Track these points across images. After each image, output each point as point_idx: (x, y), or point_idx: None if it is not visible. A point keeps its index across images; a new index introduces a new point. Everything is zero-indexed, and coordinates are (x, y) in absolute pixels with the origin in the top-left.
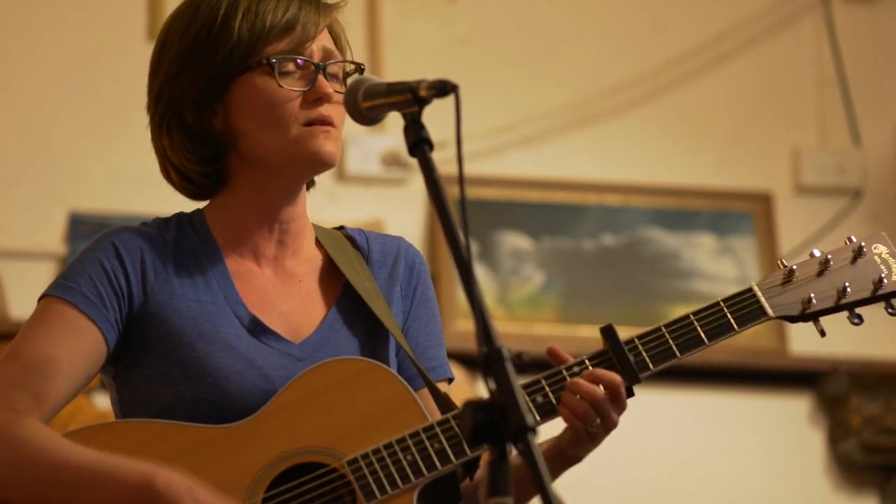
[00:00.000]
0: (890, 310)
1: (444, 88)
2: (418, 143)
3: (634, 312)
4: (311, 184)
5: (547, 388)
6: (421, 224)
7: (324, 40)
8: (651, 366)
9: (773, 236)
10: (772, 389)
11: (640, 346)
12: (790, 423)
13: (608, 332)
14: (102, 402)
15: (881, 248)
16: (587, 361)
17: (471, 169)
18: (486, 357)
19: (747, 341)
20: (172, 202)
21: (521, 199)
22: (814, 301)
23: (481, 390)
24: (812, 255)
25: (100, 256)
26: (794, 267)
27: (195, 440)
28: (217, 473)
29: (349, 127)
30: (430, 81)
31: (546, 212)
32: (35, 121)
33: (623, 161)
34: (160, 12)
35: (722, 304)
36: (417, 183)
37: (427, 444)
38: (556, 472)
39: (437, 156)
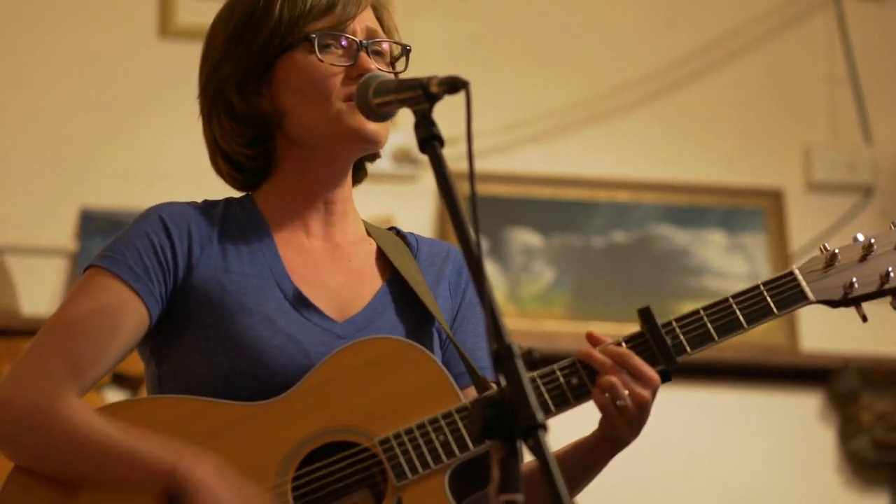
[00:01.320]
0: None
1: (455, 85)
2: (429, 139)
3: None
4: (361, 176)
5: (581, 371)
6: (431, 221)
7: (367, 20)
8: (688, 349)
9: (784, 233)
10: (783, 386)
11: (677, 329)
12: (801, 420)
13: (646, 314)
14: (113, 398)
15: None
16: (623, 343)
17: (481, 166)
18: (496, 354)
19: (758, 338)
20: (182, 198)
21: (531, 196)
22: (856, 285)
23: None
24: (855, 239)
25: (147, 229)
26: (837, 251)
27: (228, 418)
28: (249, 451)
29: None
30: (442, 78)
31: (556, 208)
32: (45, 117)
33: (633, 158)
34: (171, 8)
35: (762, 287)
36: (428, 179)
37: (460, 425)
38: (603, 458)
39: (447, 152)
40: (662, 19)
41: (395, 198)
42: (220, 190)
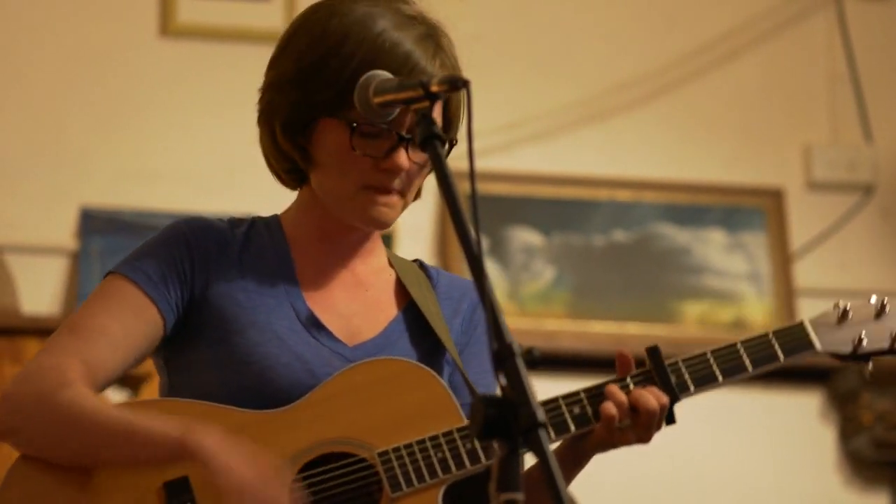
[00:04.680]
0: None
1: (455, 84)
2: (429, 138)
3: (645, 308)
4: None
5: (585, 402)
6: (432, 220)
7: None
8: (692, 388)
9: (785, 232)
10: (783, 385)
11: (682, 368)
12: (801, 419)
13: (653, 353)
14: (116, 398)
15: None
16: (629, 380)
17: (481, 164)
18: (497, 353)
19: None
20: (182, 198)
21: (531, 195)
22: (864, 341)
23: None
24: (871, 300)
25: (167, 240)
26: (849, 307)
27: (233, 422)
28: None
29: None
30: (442, 77)
31: (557, 207)
32: (45, 116)
33: (634, 157)
34: (171, 7)
35: (771, 334)
36: (428, 179)
37: (459, 443)
38: (569, 470)
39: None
40: (662, 18)
41: None
42: (219, 190)
